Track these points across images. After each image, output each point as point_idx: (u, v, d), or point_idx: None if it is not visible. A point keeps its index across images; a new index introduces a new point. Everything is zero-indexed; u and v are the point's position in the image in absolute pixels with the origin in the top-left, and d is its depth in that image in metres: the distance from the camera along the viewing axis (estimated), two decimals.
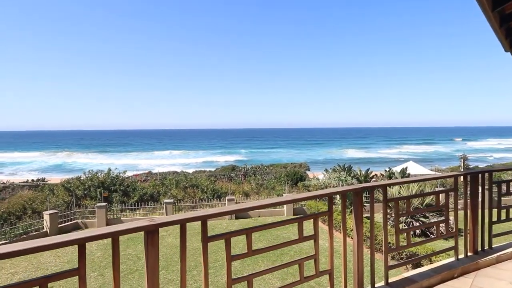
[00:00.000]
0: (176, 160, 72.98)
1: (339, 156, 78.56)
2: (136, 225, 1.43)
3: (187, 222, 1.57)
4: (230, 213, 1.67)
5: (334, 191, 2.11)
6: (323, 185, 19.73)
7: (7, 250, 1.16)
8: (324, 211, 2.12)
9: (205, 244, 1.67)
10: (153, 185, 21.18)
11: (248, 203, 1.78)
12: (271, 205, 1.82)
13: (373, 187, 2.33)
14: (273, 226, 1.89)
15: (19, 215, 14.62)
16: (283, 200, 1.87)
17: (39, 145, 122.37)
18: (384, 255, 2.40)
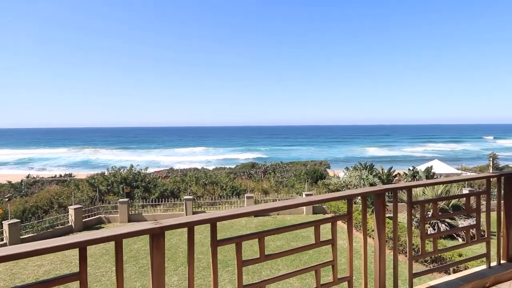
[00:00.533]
0: (196, 157, 73.89)
1: (360, 154, 77.07)
2: (141, 227, 1.36)
3: (195, 225, 1.48)
4: (241, 216, 1.57)
5: (354, 193, 1.97)
6: (344, 183, 19.33)
7: (3, 253, 1.11)
8: (343, 213, 1.99)
9: (215, 248, 1.58)
10: (174, 181, 21.46)
11: (262, 205, 1.67)
12: (287, 207, 1.70)
13: (396, 189, 2.16)
14: (288, 230, 1.77)
15: (46, 209, 15.17)
16: (299, 202, 1.75)
17: (66, 142, 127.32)
18: (409, 261, 2.23)
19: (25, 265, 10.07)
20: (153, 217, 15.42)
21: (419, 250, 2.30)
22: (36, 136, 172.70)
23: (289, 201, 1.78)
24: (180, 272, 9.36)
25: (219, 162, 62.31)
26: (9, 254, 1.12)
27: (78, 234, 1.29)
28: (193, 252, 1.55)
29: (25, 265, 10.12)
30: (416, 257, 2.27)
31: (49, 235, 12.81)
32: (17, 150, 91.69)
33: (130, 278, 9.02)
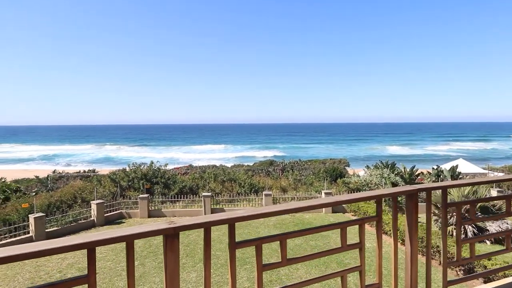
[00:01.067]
0: (215, 154, 74.41)
1: (380, 152, 75.38)
2: (154, 228, 1.26)
3: (212, 226, 1.38)
4: (261, 217, 1.45)
5: (384, 193, 1.81)
6: (365, 182, 18.90)
7: (6, 254, 1.04)
8: (372, 216, 1.83)
9: (233, 250, 1.46)
10: (193, 178, 21.64)
11: (284, 205, 1.54)
12: (311, 208, 1.57)
13: (430, 189, 1.98)
14: (312, 232, 1.64)
15: (70, 204, 15.61)
16: (324, 203, 1.61)
17: (89, 139, 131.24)
18: (443, 268, 2.05)
19: (49, 258, 10.36)
20: (172, 213, 15.58)
21: (454, 256, 2.11)
22: (61, 133, 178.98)
23: (313, 201, 1.64)
24: (198, 268, 9.37)
25: (238, 159, 62.49)
26: (13, 255, 1.04)
27: (87, 234, 1.18)
28: (209, 254, 1.45)
29: (49, 257, 10.41)
30: (451, 263, 2.08)
31: (73, 229, 13.17)
32: (44, 146, 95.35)
33: (149, 273, 9.11)
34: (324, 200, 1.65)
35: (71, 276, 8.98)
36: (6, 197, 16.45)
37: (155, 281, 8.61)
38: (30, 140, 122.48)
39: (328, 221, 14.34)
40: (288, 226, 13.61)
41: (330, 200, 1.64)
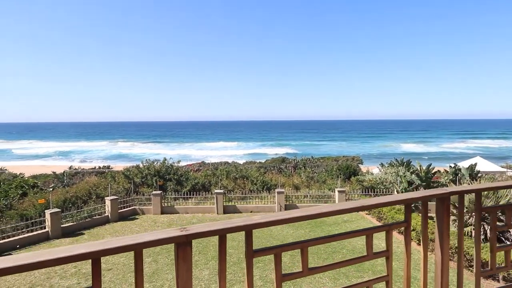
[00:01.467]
0: (227, 151, 74.58)
1: (394, 150, 74.14)
2: (164, 235, 1.15)
3: (227, 233, 1.26)
4: (281, 223, 1.33)
5: (413, 196, 1.66)
6: (379, 180, 18.54)
7: (5, 265, 0.95)
8: (400, 221, 1.68)
9: (250, 259, 1.34)
10: (205, 175, 21.67)
11: (306, 210, 1.41)
12: (336, 213, 1.44)
13: (462, 192, 1.82)
14: (336, 239, 1.50)
15: (85, 200, 15.83)
16: (349, 207, 1.48)
17: (104, 135, 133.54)
18: (476, 277, 1.89)
19: None
20: (185, 210, 15.63)
21: (488, 265, 1.95)
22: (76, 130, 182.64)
23: (338, 205, 1.50)
24: (211, 266, 9.33)
25: (250, 156, 62.45)
26: (13, 266, 0.95)
27: (92, 242, 1.07)
28: (225, 265, 1.33)
29: None
30: (486, 271, 1.92)
31: (87, 225, 13.35)
32: (60, 143, 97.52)
33: (162, 270, 9.13)
34: (349, 205, 1.51)
35: (86, 271, 9.08)
36: (23, 192, 16.80)
37: (167, 277, 8.62)
38: (48, 137, 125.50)
39: (342, 219, 14.11)
40: (301, 224, 13.45)
41: (356, 204, 1.50)
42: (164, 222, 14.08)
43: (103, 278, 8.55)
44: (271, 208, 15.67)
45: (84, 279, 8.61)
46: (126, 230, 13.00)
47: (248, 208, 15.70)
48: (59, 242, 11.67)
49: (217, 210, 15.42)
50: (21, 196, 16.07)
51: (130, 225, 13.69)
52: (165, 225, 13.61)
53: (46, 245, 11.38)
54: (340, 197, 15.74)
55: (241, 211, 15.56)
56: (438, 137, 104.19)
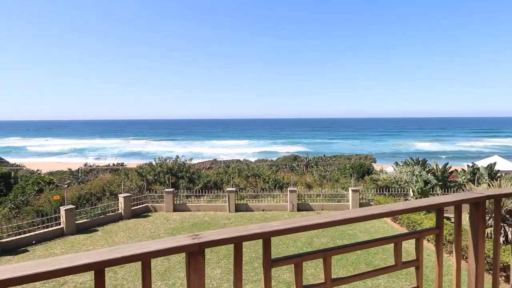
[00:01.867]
0: (239, 149, 74.67)
1: (408, 148, 72.92)
2: (175, 244, 1.05)
3: (243, 241, 1.15)
4: (302, 230, 1.20)
5: (445, 201, 1.51)
6: (394, 179, 18.17)
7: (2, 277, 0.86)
8: (431, 228, 1.54)
9: (268, 269, 1.23)
10: (217, 173, 21.67)
11: (326, 217, 1.29)
12: (362, 219, 1.31)
13: (500, 196, 1.67)
14: (362, 247, 1.38)
15: (99, 196, 16.03)
16: (375, 213, 1.35)
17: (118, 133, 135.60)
18: None
19: (79, 249, 10.64)
20: (197, 208, 15.64)
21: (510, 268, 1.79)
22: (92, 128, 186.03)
23: (364, 210, 1.38)
24: (222, 265, 9.28)
25: (261, 154, 62.37)
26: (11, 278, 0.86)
27: (96, 251, 0.96)
28: (240, 275, 1.22)
29: (79, 249, 10.70)
30: None
31: (101, 222, 13.50)
32: (76, 140, 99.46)
33: (174, 268, 9.12)
34: (376, 210, 1.38)
35: None
36: (40, 188, 17.14)
37: (179, 276, 8.60)
38: (63, 134, 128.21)
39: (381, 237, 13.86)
40: None
41: (384, 209, 1.37)
42: (176, 219, 14.12)
43: (115, 275, 8.61)
44: (283, 207, 15.54)
45: None
46: (139, 227, 13.08)
47: (260, 207, 15.60)
48: (73, 238, 11.82)
49: (229, 208, 15.38)
50: (37, 192, 16.39)
51: (143, 222, 13.78)
52: (177, 222, 13.65)
53: (61, 241, 11.54)
54: (353, 196, 15.48)
55: (253, 210, 15.48)
56: (453, 136, 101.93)
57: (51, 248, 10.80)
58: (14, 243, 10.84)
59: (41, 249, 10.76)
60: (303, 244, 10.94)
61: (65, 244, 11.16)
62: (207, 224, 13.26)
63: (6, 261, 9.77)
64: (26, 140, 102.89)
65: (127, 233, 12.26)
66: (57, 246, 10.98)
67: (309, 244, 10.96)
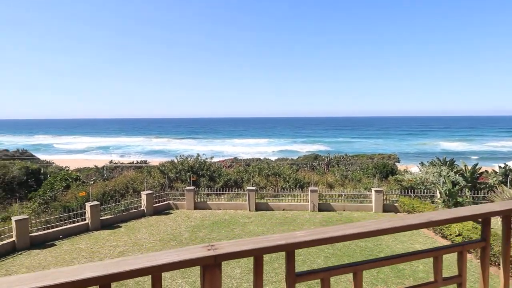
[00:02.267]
0: (259, 147, 74.65)
1: (434, 148, 70.48)
2: (188, 256, 0.95)
3: (265, 253, 1.03)
4: (330, 241, 1.08)
5: (494, 210, 1.34)
6: (419, 180, 17.52)
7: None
8: (476, 240, 1.38)
9: (292, 284, 1.11)
10: (237, 171, 21.68)
11: (357, 226, 1.15)
12: (397, 230, 1.17)
13: None
14: (397, 261, 1.24)
15: (122, 193, 16.38)
16: (415, 223, 1.20)
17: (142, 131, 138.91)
18: None
19: (103, 245, 10.91)
20: (217, 206, 15.69)
21: None
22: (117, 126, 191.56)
23: (400, 220, 1.23)
24: (242, 264, 9.22)
25: (282, 153, 62.08)
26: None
27: (102, 262, 0.87)
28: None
29: (103, 244, 10.96)
30: None
31: (124, 218, 13.79)
32: (101, 138, 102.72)
33: None
34: (413, 220, 1.23)
35: None
36: (67, 185, 17.73)
37: (198, 273, 8.62)
38: (91, 132, 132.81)
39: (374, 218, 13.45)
40: (335, 224, 12.99)
41: (422, 219, 1.22)
42: (197, 217, 14.22)
43: None
44: (304, 207, 15.33)
45: None
46: (161, 224, 13.26)
47: (280, 206, 15.46)
48: (98, 234, 12.13)
49: (249, 207, 15.33)
50: (64, 188, 16.96)
51: (164, 220, 13.96)
52: (198, 220, 13.73)
53: (86, 236, 11.87)
54: (377, 197, 15.04)
55: (273, 209, 15.36)
56: (483, 135, 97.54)
57: (76, 243, 11.12)
58: (42, 237, 11.24)
59: (68, 243, 11.10)
60: (324, 245, 10.72)
61: (90, 240, 11.46)
62: (227, 223, 13.26)
63: (35, 255, 10.13)
64: (55, 138, 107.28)
65: (149, 230, 12.45)
66: (82, 241, 11.29)
67: (330, 245, 10.72)
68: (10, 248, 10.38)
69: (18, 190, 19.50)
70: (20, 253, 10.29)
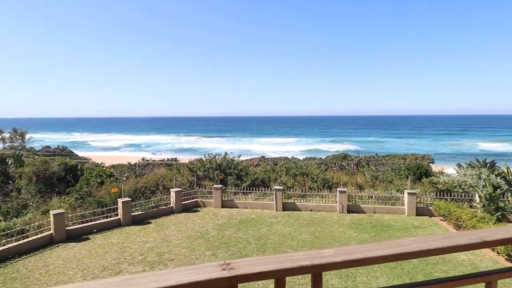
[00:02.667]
0: (287, 146, 74.19)
1: (471, 148, 66.74)
2: (200, 276, 0.85)
3: (288, 275, 0.91)
4: (362, 263, 0.94)
5: None
6: (456, 182, 16.58)
7: None
8: None
9: None
10: (264, 170, 21.60)
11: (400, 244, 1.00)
12: (444, 251, 1.02)
13: None
14: (445, 285, 1.07)
15: (153, 190, 16.82)
16: (465, 243, 1.03)
17: (173, 129, 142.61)
18: None
19: (133, 240, 11.23)
20: (244, 205, 15.70)
21: None
22: (150, 124, 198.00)
23: (445, 239, 1.07)
24: None
25: (309, 152, 61.33)
26: None
27: (104, 282, 0.78)
28: None
29: (133, 239, 11.29)
30: None
31: (154, 214, 14.14)
32: (134, 136, 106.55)
33: None
34: (462, 239, 1.06)
35: (151, 259, 9.53)
36: (101, 181, 18.47)
37: None
38: (125, 130, 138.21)
39: (412, 224, 12.86)
40: (365, 226, 12.59)
41: (472, 239, 1.05)
42: (224, 216, 14.30)
43: (165, 268, 8.89)
44: (332, 208, 14.98)
45: (149, 267, 9.03)
46: (189, 221, 13.46)
47: (308, 207, 15.21)
48: (129, 229, 12.51)
49: (276, 207, 15.21)
50: (99, 184, 17.68)
51: (192, 217, 14.16)
52: (225, 219, 13.79)
53: (118, 231, 12.28)
54: (410, 199, 14.40)
55: (300, 209, 15.14)
56: None
57: (109, 238, 11.53)
58: (78, 231, 11.76)
59: (101, 238, 11.54)
60: None
61: (122, 235, 11.84)
62: (254, 222, 13.22)
63: (70, 248, 10.61)
64: (92, 136, 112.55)
65: (178, 227, 12.67)
66: (114, 236, 11.69)
67: None
68: (48, 240, 10.94)
69: (57, 185, 20.59)
70: (57, 245, 10.82)
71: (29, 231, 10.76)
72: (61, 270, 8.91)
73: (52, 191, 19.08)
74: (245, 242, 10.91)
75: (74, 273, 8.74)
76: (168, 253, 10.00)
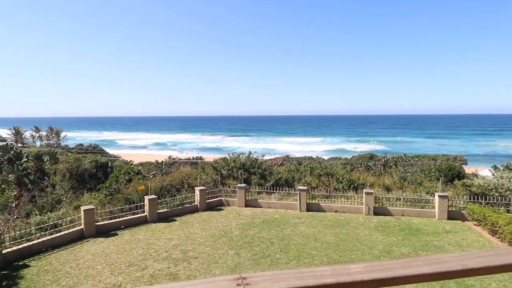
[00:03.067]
0: (312, 146, 73.34)
1: (507, 149, 63.04)
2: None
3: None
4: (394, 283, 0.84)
5: None
6: (492, 185, 15.67)
7: None
8: None
9: None
10: (288, 170, 21.43)
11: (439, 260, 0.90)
12: (489, 271, 0.90)
13: None
14: None
15: (178, 188, 17.12)
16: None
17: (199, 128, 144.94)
18: None
19: (159, 237, 11.46)
20: (268, 205, 15.63)
21: None
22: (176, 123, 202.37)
23: (489, 256, 0.95)
24: (292, 266, 9.02)
25: (335, 152, 60.30)
26: None
27: None
28: None
29: (159, 236, 11.51)
30: None
31: (179, 212, 14.37)
32: (161, 135, 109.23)
33: (244, 264, 9.16)
34: (510, 258, 0.94)
35: (175, 256, 9.67)
36: (130, 178, 19.03)
37: (248, 272, 8.59)
38: (152, 129, 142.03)
39: (443, 228, 12.28)
40: (392, 229, 12.16)
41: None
42: (247, 215, 14.30)
43: (189, 266, 8.99)
44: (358, 209, 14.59)
45: (173, 264, 9.17)
46: (212, 220, 13.57)
47: (332, 208, 14.91)
48: (155, 226, 12.78)
49: (300, 207, 15.03)
50: (127, 181, 18.22)
51: (216, 216, 14.26)
52: (248, 218, 13.79)
53: (144, 227, 12.58)
54: (441, 203, 13.76)
55: (325, 210, 14.86)
56: None
57: (136, 234, 11.84)
58: (106, 227, 12.16)
59: (128, 234, 11.86)
60: (380, 252, 10.06)
61: (148, 231, 12.12)
62: (278, 222, 13.12)
63: (99, 243, 10.99)
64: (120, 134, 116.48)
65: (202, 225, 12.80)
66: (140, 232, 11.99)
67: (387, 253, 10.03)
68: (79, 235, 11.38)
69: (88, 181, 21.45)
70: (87, 240, 11.23)
71: (62, 226, 11.24)
72: (90, 265, 9.23)
73: (83, 187, 19.90)
74: (268, 242, 10.84)
75: (102, 267, 9.02)
76: (192, 251, 10.11)
